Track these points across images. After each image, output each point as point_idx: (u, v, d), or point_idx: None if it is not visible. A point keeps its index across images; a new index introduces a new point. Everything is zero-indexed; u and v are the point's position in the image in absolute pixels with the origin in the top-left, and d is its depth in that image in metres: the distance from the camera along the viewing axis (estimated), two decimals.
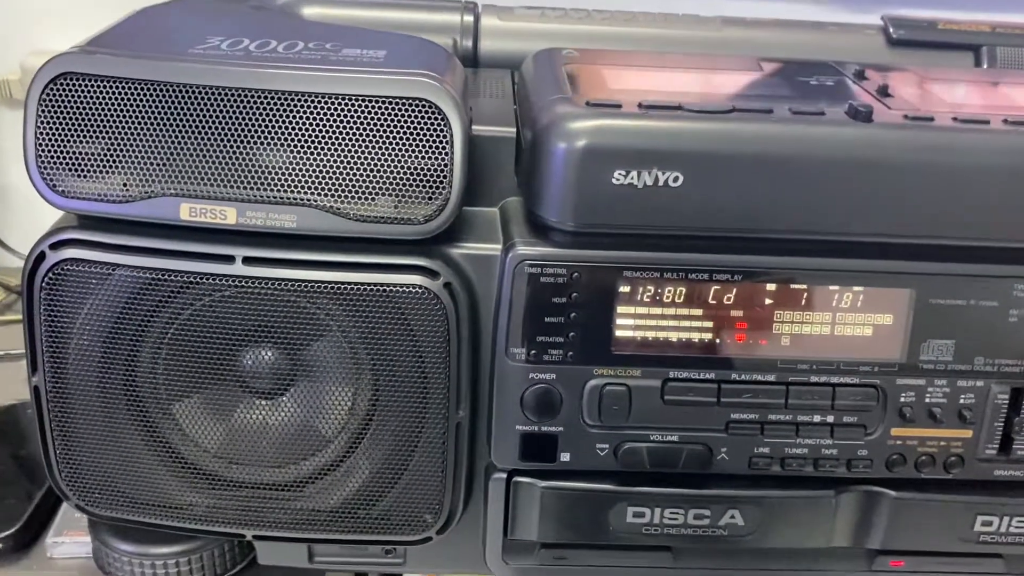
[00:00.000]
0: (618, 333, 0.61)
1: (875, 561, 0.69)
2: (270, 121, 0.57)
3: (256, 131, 0.57)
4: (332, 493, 0.65)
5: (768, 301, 0.61)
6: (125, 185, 0.58)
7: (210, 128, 0.57)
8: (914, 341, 0.62)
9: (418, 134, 0.57)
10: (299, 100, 0.57)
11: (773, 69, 0.71)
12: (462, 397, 0.63)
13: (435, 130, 0.57)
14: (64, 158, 0.58)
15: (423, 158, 0.58)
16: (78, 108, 0.57)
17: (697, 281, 0.61)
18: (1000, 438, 0.64)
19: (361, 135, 0.57)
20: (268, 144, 0.57)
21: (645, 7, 0.84)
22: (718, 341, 0.62)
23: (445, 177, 0.58)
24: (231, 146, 0.57)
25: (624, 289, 0.61)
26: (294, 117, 0.57)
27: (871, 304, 0.62)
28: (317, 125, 0.57)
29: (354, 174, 0.58)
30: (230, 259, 0.59)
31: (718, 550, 0.68)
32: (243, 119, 0.57)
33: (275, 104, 0.57)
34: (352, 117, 0.57)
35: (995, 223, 0.60)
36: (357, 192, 0.58)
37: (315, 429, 0.64)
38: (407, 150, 0.57)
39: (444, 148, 0.58)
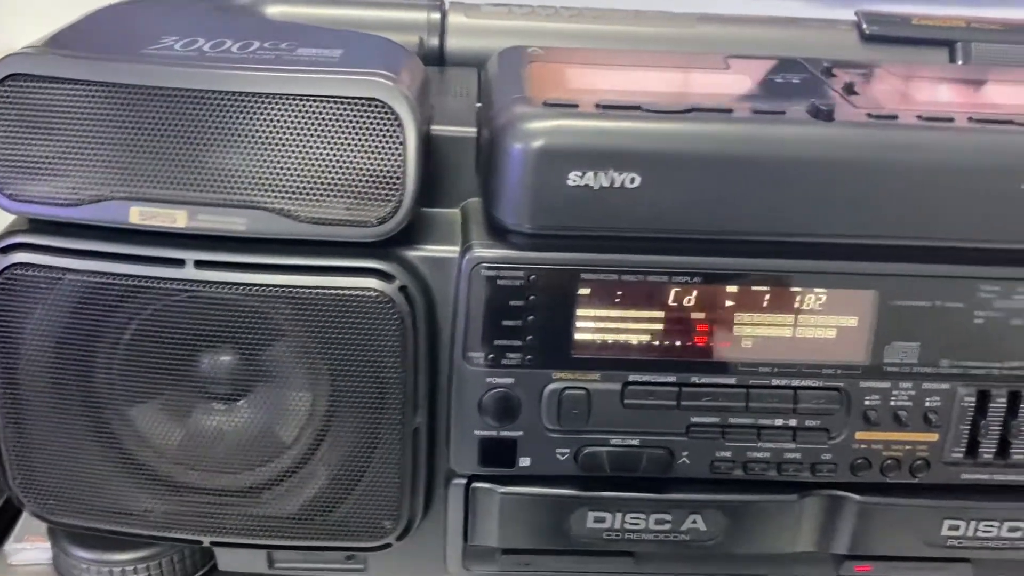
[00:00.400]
0: (577, 336, 0.60)
1: (842, 566, 0.68)
2: (220, 122, 0.56)
3: (205, 132, 0.56)
4: (290, 499, 0.64)
5: (728, 303, 0.60)
6: (74, 188, 0.58)
7: (159, 130, 0.56)
8: (878, 343, 0.61)
9: (370, 135, 0.56)
10: (249, 101, 0.56)
11: (740, 67, 0.70)
12: (419, 402, 0.62)
13: (388, 130, 0.56)
14: (13, 160, 0.57)
15: (375, 159, 0.57)
16: (27, 110, 0.57)
17: (656, 283, 0.60)
18: (967, 441, 0.63)
19: (312, 136, 0.56)
20: (218, 146, 0.57)
21: (615, 4, 0.83)
22: (678, 344, 0.61)
23: (398, 178, 0.57)
24: (181, 148, 0.57)
25: (583, 292, 0.60)
26: (244, 118, 0.56)
27: (834, 306, 0.60)
28: (267, 126, 0.56)
29: (305, 175, 0.57)
30: (180, 263, 0.58)
31: (681, 555, 0.67)
32: (192, 120, 0.56)
33: (225, 105, 0.56)
34: (303, 117, 0.56)
35: (960, 223, 0.59)
36: (308, 194, 0.57)
37: (272, 434, 0.63)
38: (359, 151, 0.56)
39: (397, 149, 0.57)
